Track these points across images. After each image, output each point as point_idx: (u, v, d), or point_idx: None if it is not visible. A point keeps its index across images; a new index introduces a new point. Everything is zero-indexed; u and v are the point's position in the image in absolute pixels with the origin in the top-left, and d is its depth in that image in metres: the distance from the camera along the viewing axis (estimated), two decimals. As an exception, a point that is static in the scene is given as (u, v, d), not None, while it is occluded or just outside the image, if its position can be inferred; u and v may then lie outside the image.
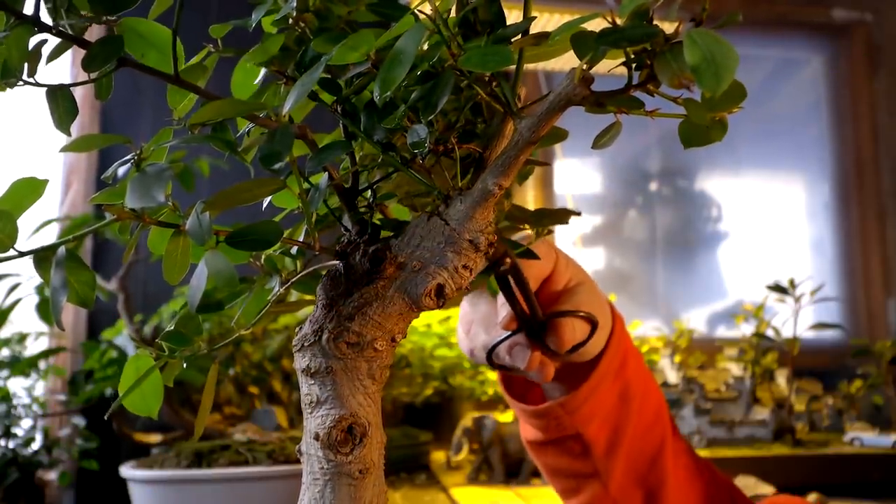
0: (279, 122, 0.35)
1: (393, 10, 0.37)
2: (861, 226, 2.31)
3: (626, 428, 0.64)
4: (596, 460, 0.64)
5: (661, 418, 0.68)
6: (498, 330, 0.56)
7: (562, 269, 0.58)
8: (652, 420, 0.66)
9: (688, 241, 2.36)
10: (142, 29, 0.37)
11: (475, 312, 0.60)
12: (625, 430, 0.64)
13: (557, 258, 0.58)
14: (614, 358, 0.63)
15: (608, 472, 0.64)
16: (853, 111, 2.34)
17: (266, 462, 0.96)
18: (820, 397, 1.75)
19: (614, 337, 0.63)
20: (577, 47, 0.31)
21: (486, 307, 0.58)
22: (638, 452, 0.65)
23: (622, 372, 0.64)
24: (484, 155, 0.37)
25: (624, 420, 0.64)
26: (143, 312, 1.41)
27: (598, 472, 0.64)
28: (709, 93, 0.26)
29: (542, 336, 0.54)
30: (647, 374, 0.67)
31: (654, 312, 2.26)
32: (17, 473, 1.29)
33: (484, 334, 0.59)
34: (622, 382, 0.64)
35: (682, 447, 0.70)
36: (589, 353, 0.61)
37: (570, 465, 0.66)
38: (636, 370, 0.65)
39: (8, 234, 0.35)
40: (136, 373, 0.38)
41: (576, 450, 0.64)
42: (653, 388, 0.68)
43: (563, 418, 0.63)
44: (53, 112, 0.36)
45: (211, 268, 0.35)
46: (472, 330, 0.61)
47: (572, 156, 2.22)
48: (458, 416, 1.61)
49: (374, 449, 0.37)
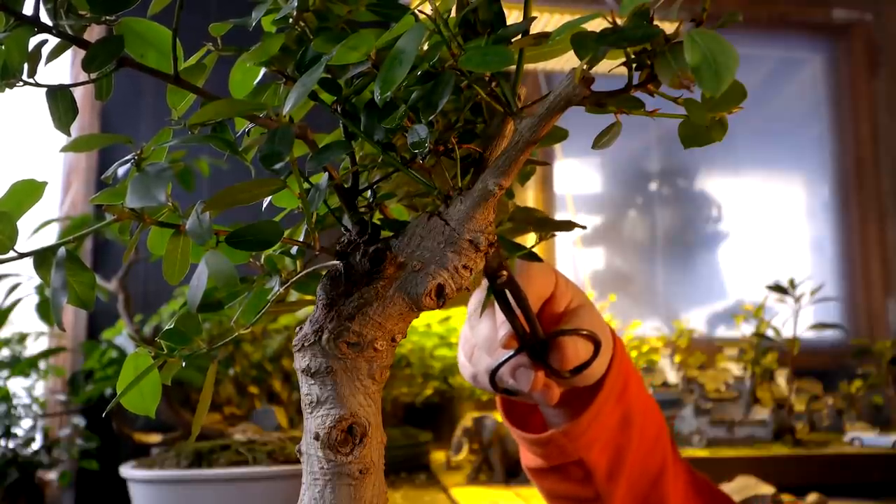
0: (279, 122, 0.35)
1: (393, 10, 0.37)
2: (861, 226, 2.31)
3: (627, 452, 0.64)
4: (598, 485, 0.63)
5: (662, 440, 0.67)
6: (501, 352, 0.55)
7: (562, 290, 0.58)
8: (653, 442, 0.66)
9: (688, 241, 2.36)
10: (141, 29, 0.37)
11: (476, 336, 0.58)
12: (626, 454, 0.64)
13: (557, 280, 0.58)
14: (616, 382, 0.62)
15: (610, 496, 0.64)
16: (853, 111, 2.34)
17: (266, 462, 0.96)
18: (820, 397, 1.75)
19: (615, 361, 0.62)
20: (577, 47, 0.31)
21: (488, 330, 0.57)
22: (639, 475, 0.65)
23: (624, 396, 0.63)
24: (484, 155, 0.37)
25: (625, 444, 0.64)
26: (143, 312, 1.41)
27: (600, 497, 0.64)
28: (709, 93, 0.26)
29: (544, 356, 0.53)
30: (647, 396, 0.67)
31: (654, 312, 2.26)
32: (17, 473, 1.29)
33: (487, 357, 0.57)
34: (624, 407, 0.63)
35: (682, 467, 0.70)
36: (592, 377, 0.60)
37: (572, 491, 0.65)
38: (637, 393, 0.65)
39: (8, 235, 0.35)
40: (135, 371, 0.38)
41: (577, 475, 0.64)
42: (653, 410, 0.67)
43: (566, 446, 0.62)
44: (53, 112, 0.36)
45: (211, 268, 0.35)
46: (475, 355, 0.59)
47: (572, 156, 2.22)
48: (458, 416, 1.61)
49: (374, 449, 0.37)
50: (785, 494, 1.15)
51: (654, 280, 2.32)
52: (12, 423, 1.33)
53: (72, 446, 1.36)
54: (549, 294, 0.57)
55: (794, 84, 2.43)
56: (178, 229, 0.37)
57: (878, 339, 1.95)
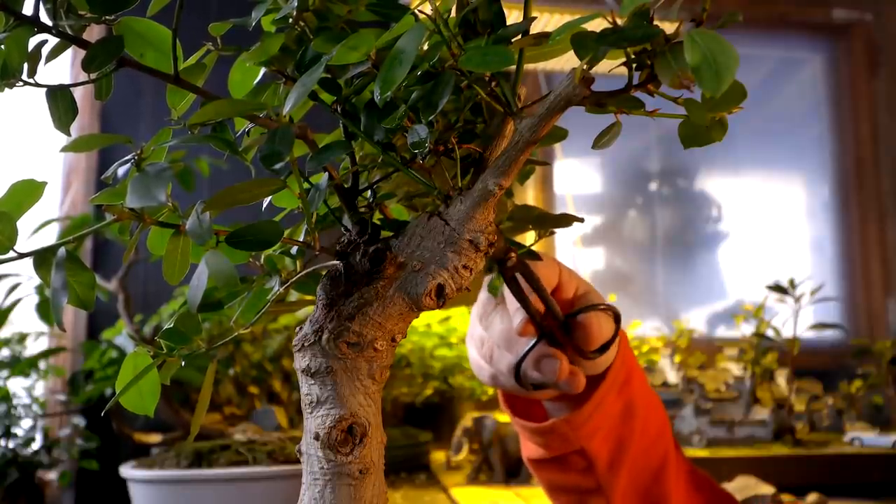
0: (279, 122, 0.35)
1: (393, 10, 0.37)
2: (861, 226, 2.31)
3: (629, 443, 0.64)
4: (599, 475, 0.63)
5: (665, 435, 0.67)
6: (521, 344, 0.54)
7: (567, 278, 0.58)
8: (655, 437, 0.66)
9: (688, 241, 2.36)
10: (140, 29, 0.37)
11: (492, 333, 0.57)
12: (628, 445, 0.64)
13: (560, 268, 0.58)
14: (619, 373, 0.62)
15: (611, 488, 0.64)
16: (853, 111, 2.34)
17: (266, 462, 0.96)
18: (820, 397, 1.75)
19: (619, 352, 0.62)
20: (577, 47, 0.31)
21: (502, 324, 0.56)
22: (641, 468, 0.65)
23: (626, 387, 0.63)
24: (484, 155, 0.37)
25: (627, 436, 0.64)
26: (143, 312, 1.41)
27: (601, 488, 0.64)
28: (709, 93, 0.26)
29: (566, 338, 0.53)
30: (650, 391, 0.67)
31: (654, 312, 2.26)
32: (17, 473, 1.29)
33: (507, 354, 0.56)
34: (626, 398, 0.63)
35: (684, 464, 0.70)
36: (606, 361, 0.60)
37: (573, 482, 0.65)
38: (640, 387, 0.65)
39: (7, 235, 0.35)
40: (134, 371, 0.38)
41: (579, 466, 0.64)
42: (656, 406, 0.67)
43: (569, 434, 0.62)
44: (53, 112, 0.36)
45: (211, 268, 0.35)
46: (494, 354, 0.58)
47: (572, 156, 2.22)
48: (458, 416, 1.61)
49: (374, 449, 0.37)
50: (785, 494, 1.15)
51: (654, 280, 2.32)
52: (12, 423, 1.33)
53: (72, 446, 1.36)
54: (555, 282, 0.57)
55: (794, 84, 2.43)
56: (178, 229, 0.37)
57: (878, 339, 1.95)
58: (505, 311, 0.56)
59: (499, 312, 0.57)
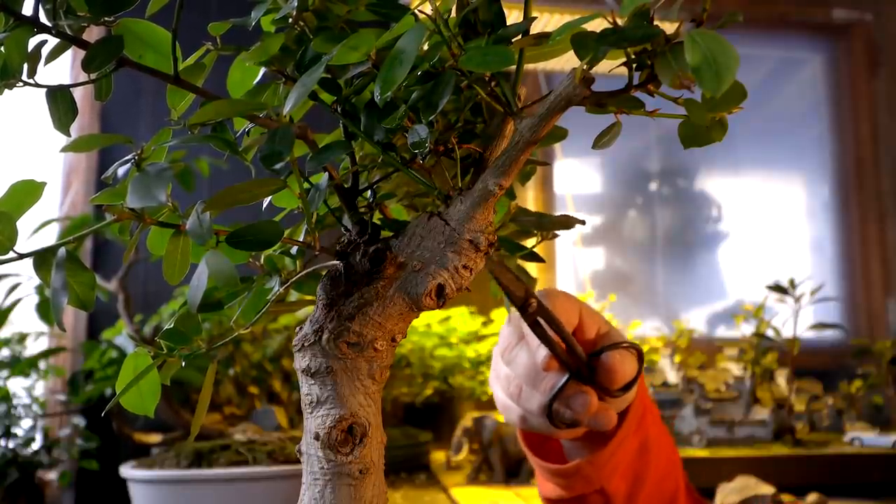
0: (279, 122, 0.35)
1: (393, 10, 0.37)
2: (861, 226, 2.31)
3: (645, 477, 0.64)
4: None
5: (675, 464, 0.68)
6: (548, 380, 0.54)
7: (587, 318, 0.58)
8: (667, 467, 0.67)
9: (688, 241, 2.36)
10: (139, 30, 0.37)
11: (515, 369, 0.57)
12: (644, 480, 0.64)
13: (581, 307, 0.58)
14: (637, 410, 0.62)
15: None
16: (853, 111, 2.34)
17: (266, 462, 0.96)
18: (820, 397, 1.75)
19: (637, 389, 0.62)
20: (577, 47, 0.31)
21: (527, 359, 0.56)
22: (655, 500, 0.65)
23: (643, 423, 0.63)
24: (484, 155, 0.37)
25: (643, 470, 0.64)
26: (143, 312, 1.41)
27: None
28: (709, 93, 0.26)
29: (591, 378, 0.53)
30: (661, 423, 0.68)
31: (654, 312, 2.26)
32: (17, 473, 1.29)
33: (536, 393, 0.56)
34: (643, 434, 0.63)
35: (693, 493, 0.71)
36: (625, 402, 0.60)
37: None
38: (653, 420, 0.65)
39: (7, 235, 0.35)
40: (135, 371, 0.38)
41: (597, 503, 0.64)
42: (665, 433, 0.68)
43: (591, 475, 0.62)
44: (53, 112, 0.36)
45: (211, 267, 0.35)
46: (523, 393, 0.57)
47: (572, 156, 2.22)
48: (458, 416, 1.61)
49: (374, 449, 0.37)
50: (785, 494, 1.15)
51: (654, 280, 2.32)
52: (12, 423, 1.33)
53: (72, 446, 1.36)
54: (576, 321, 0.57)
55: (794, 84, 2.43)
56: (178, 229, 0.37)
57: (878, 339, 1.95)
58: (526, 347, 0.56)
59: (522, 348, 0.56)
